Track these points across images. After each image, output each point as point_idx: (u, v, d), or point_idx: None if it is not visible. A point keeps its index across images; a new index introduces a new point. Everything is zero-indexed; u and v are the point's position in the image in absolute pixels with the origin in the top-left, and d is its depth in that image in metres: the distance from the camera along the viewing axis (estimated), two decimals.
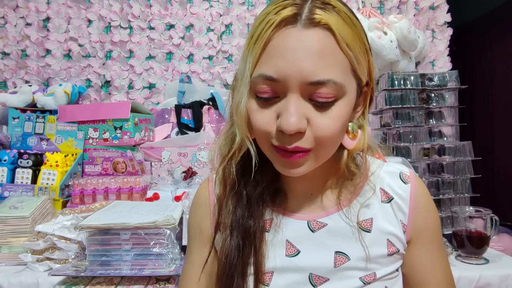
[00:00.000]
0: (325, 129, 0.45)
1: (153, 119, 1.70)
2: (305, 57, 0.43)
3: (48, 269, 1.02)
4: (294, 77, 0.44)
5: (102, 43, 1.79)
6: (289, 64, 0.44)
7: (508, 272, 1.05)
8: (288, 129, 0.44)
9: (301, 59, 0.43)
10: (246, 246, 0.52)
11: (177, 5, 1.81)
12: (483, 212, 1.15)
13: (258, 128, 0.48)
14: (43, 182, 1.34)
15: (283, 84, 0.45)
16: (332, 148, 0.49)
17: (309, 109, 0.45)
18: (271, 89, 0.46)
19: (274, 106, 0.47)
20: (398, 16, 1.68)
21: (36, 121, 1.51)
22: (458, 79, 1.49)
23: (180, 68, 1.82)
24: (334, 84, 0.44)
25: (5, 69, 1.77)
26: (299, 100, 0.45)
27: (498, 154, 2.38)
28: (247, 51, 0.48)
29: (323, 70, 0.44)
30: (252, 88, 0.47)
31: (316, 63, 0.44)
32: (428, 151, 1.50)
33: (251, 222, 0.53)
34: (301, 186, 0.56)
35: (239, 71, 0.50)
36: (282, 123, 0.44)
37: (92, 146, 1.49)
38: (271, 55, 0.45)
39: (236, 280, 0.51)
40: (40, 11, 1.75)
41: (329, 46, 0.44)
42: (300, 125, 0.44)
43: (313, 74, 0.43)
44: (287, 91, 0.45)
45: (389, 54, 1.62)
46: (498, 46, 2.41)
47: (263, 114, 0.47)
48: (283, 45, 0.44)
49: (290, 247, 0.54)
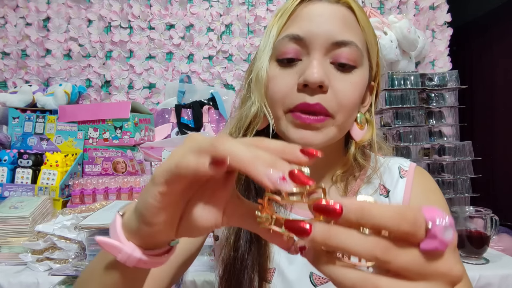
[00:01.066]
0: (346, 93, 0.47)
1: (153, 119, 1.70)
2: (330, 21, 0.47)
3: (48, 269, 1.02)
4: (320, 35, 0.46)
5: (102, 43, 1.79)
6: (315, 25, 0.46)
7: (508, 272, 1.05)
8: (313, 78, 0.44)
9: (326, 22, 0.47)
10: (254, 241, 0.52)
11: (177, 5, 1.81)
12: (483, 212, 1.15)
13: (278, 90, 0.48)
14: (43, 182, 1.34)
15: (308, 44, 0.46)
16: (350, 117, 0.49)
17: (331, 70, 0.47)
18: (295, 49, 0.47)
19: (295, 68, 0.47)
20: (398, 16, 1.68)
21: (36, 121, 1.50)
22: (458, 79, 1.49)
23: (180, 68, 1.82)
24: (356, 48, 0.47)
25: (5, 69, 1.76)
26: (323, 59, 0.47)
27: (498, 154, 2.38)
28: (271, 25, 0.50)
29: (347, 33, 0.47)
30: (275, 52, 0.48)
31: (341, 27, 0.47)
32: (428, 151, 1.50)
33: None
34: None
35: (261, 44, 0.51)
36: (307, 74, 0.45)
37: (92, 146, 1.49)
38: (297, 20, 0.48)
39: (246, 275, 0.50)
40: (40, 11, 1.75)
41: (350, 20, 0.48)
42: (324, 77, 0.45)
43: (338, 34, 0.46)
44: (310, 51, 0.47)
45: (389, 54, 1.62)
46: (498, 46, 2.41)
47: (284, 77, 0.48)
48: (310, 12, 0.48)
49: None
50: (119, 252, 0.29)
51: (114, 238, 0.30)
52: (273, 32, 0.49)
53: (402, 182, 0.55)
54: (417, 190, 0.54)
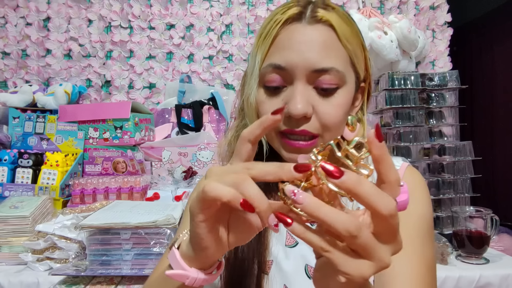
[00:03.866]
0: (329, 115, 0.49)
1: (153, 119, 1.70)
2: (310, 48, 0.48)
3: (49, 268, 1.03)
4: (300, 65, 0.48)
5: (103, 43, 1.79)
6: (295, 54, 0.48)
7: (508, 272, 1.05)
8: (296, 113, 0.48)
9: (306, 50, 0.48)
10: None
11: (178, 5, 1.81)
12: (483, 212, 1.15)
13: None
14: (44, 181, 1.34)
15: (290, 73, 0.49)
16: (336, 133, 0.52)
17: (314, 96, 0.50)
18: (279, 77, 0.50)
19: (282, 95, 0.51)
20: (398, 16, 1.68)
21: (36, 121, 1.51)
22: (458, 79, 1.49)
23: (180, 68, 1.82)
24: (337, 72, 0.49)
25: (6, 68, 1.77)
26: (305, 87, 0.49)
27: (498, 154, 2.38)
28: (256, 49, 0.53)
29: (326, 59, 0.48)
30: (261, 79, 0.51)
31: (320, 53, 0.48)
32: (428, 151, 1.50)
33: None
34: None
35: (249, 68, 0.54)
36: (290, 108, 0.48)
37: (93, 145, 1.49)
38: (279, 47, 0.50)
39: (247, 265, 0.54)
40: (40, 11, 1.75)
41: (331, 40, 0.50)
42: (307, 109, 0.48)
43: (318, 62, 0.48)
44: (293, 79, 0.49)
45: (390, 54, 1.62)
46: (499, 46, 2.41)
47: (271, 102, 0.51)
48: (290, 38, 0.50)
49: (289, 237, 0.57)
50: (187, 278, 0.36)
51: (178, 268, 0.36)
52: (257, 58, 0.51)
53: None
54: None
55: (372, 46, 1.62)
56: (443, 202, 1.41)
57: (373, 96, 1.63)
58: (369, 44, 1.62)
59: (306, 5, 0.51)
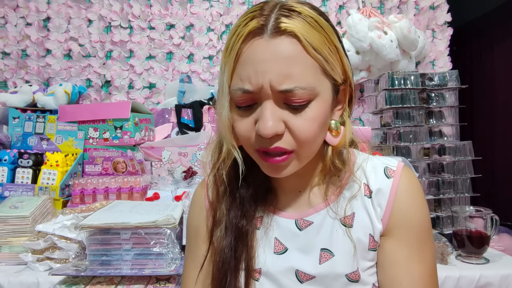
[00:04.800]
0: (302, 130, 0.48)
1: (153, 119, 1.70)
2: (273, 68, 0.46)
3: (49, 268, 1.03)
4: (265, 87, 0.47)
5: (103, 43, 1.79)
6: (260, 76, 0.46)
7: (508, 272, 1.05)
8: (265, 133, 0.47)
9: (269, 70, 0.46)
10: (239, 244, 0.55)
11: (177, 5, 1.81)
12: (483, 212, 1.15)
13: (240, 135, 0.51)
14: (44, 181, 1.34)
15: (258, 94, 0.48)
16: (313, 147, 0.51)
17: (284, 112, 0.48)
18: (249, 98, 0.49)
19: (253, 114, 0.49)
20: (398, 16, 1.68)
21: (36, 121, 1.51)
22: (458, 78, 1.49)
23: (180, 68, 1.82)
24: (302, 90, 0.46)
25: (6, 69, 1.77)
26: (274, 105, 0.48)
27: (498, 154, 2.38)
28: (224, 63, 0.51)
29: (289, 79, 0.46)
30: (232, 98, 0.50)
31: (283, 73, 0.46)
32: (428, 151, 1.50)
33: (243, 222, 0.56)
34: (289, 184, 0.58)
35: (219, 83, 0.52)
36: (260, 128, 0.47)
37: (93, 146, 1.49)
38: (244, 66, 0.48)
39: (229, 276, 0.54)
40: (40, 11, 1.75)
41: (295, 53, 0.47)
42: (277, 128, 0.47)
43: (280, 84, 0.46)
44: (262, 99, 0.48)
45: (390, 53, 1.62)
46: (498, 46, 2.41)
47: (243, 122, 0.50)
48: (253, 57, 0.47)
49: (278, 244, 0.56)
50: None
51: None
52: (225, 74, 0.50)
53: (388, 182, 0.55)
54: (402, 189, 0.54)
55: (372, 46, 1.62)
56: (443, 202, 1.41)
57: (373, 96, 1.64)
58: (369, 44, 1.62)
59: (269, 15, 0.47)
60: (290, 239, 0.56)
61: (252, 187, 0.57)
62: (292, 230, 0.56)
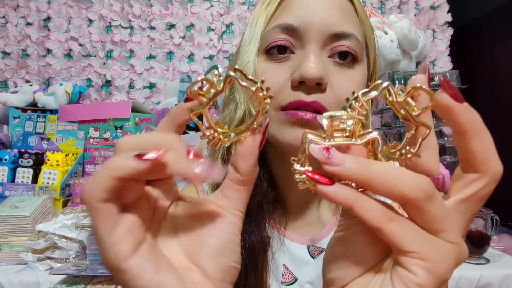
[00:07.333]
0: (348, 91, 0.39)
1: (153, 119, 1.70)
2: (328, 8, 0.40)
3: (49, 268, 1.02)
4: (316, 25, 0.39)
5: (103, 43, 1.79)
6: (310, 12, 0.40)
7: (508, 272, 1.05)
8: (310, 74, 0.37)
9: (323, 9, 0.40)
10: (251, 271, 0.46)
11: (178, 4, 1.81)
12: (483, 212, 1.14)
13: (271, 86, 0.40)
14: (44, 181, 1.34)
15: (303, 34, 0.40)
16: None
17: (329, 66, 0.40)
18: (288, 40, 0.40)
19: (289, 63, 0.41)
20: (398, 16, 1.68)
21: (36, 121, 1.51)
22: (458, 78, 1.49)
23: (180, 68, 1.82)
24: (357, 42, 0.41)
25: (6, 68, 1.77)
26: (320, 53, 0.40)
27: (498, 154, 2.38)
28: (257, 14, 0.44)
29: (347, 23, 0.40)
30: (263, 44, 0.42)
31: (340, 16, 0.40)
32: None
33: (253, 238, 0.45)
34: (295, 193, 0.50)
35: (245, 37, 0.44)
36: (303, 69, 0.38)
37: (93, 145, 1.49)
38: (288, 7, 0.41)
39: None
40: (40, 11, 1.75)
41: (349, 9, 0.42)
42: (323, 73, 0.38)
43: (337, 25, 0.40)
44: (305, 44, 0.40)
45: (390, 53, 1.62)
46: (499, 46, 2.41)
47: (275, 70, 0.41)
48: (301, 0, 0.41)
49: (287, 273, 0.49)
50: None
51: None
52: (260, 21, 0.42)
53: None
54: None
55: None
56: None
57: None
58: None
59: None
60: (301, 269, 0.48)
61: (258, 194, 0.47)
62: (304, 259, 0.48)
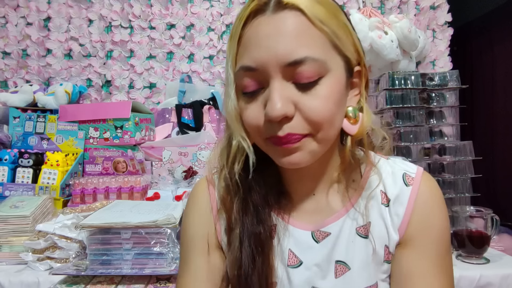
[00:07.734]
0: (314, 110, 0.43)
1: (153, 119, 1.70)
2: (278, 40, 0.43)
3: (49, 268, 1.02)
4: (271, 62, 0.43)
5: (103, 43, 1.79)
6: (264, 50, 0.43)
7: (508, 272, 1.05)
8: (274, 115, 0.42)
9: (274, 43, 0.43)
10: (258, 255, 0.50)
11: (178, 4, 1.81)
12: (483, 212, 1.14)
13: (248, 123, 0.47)
14: (44, 181, 1.34)
15: (263, 72, 0.44)
16: (330, 130, 0.46)
17: (294, 92, 0.44)
18: (254, 80, 0.45)
19: (260, 98, 0.46)
20: (398, 16, 1.68)
21: (37, 121, 1.51)
22: (458, 78, 1.49)
23: (180, 68, 1.82)
24: (313, 61, 0.43)
25: (6, 68, 1.77)
26: (283, 84, 0.44)
27: (499, 154, 2.38)
28: (228, 51, 0.48)
29: (298, 49, 0.42)
30: (238, 85, 0.47)
31: (291, 44, 0.43)
32: (428, 151, 1.50)
33: (260, 228, 0.50)
34: (302, 186, 0.54)
35: (226, 74, 0.49)
36: (268, 111, 0.43)
37: (93, 145, 1.49)
38: (246, 47, 0.45)
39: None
40: (41, 11, 1.75)
41: (301, 25, 0.43)
42: (286, 109, 0.43)
43: (289, 55, 0.42)
44: (269, 79, 0.44)
45: (390, 53, 1.62)
46: (499, 46, 2.41)
47: (251, 108, 0.46)
48: (255, 34, 0.44)
49: (293, 257, 0.52)
50: None
51: None
52: (229, 63, 0.47)
53: (407, 191, 0.51)
54: (422, 198, 0.50)
55: (372, 46, 1.62)
56: None
57: (374, 96, 1.63)
58: (370, 44, 1.61)
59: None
60: (306, 252, 0.51)
61: (263, 189, 0.52)
62: (308, 243, 0.52)
